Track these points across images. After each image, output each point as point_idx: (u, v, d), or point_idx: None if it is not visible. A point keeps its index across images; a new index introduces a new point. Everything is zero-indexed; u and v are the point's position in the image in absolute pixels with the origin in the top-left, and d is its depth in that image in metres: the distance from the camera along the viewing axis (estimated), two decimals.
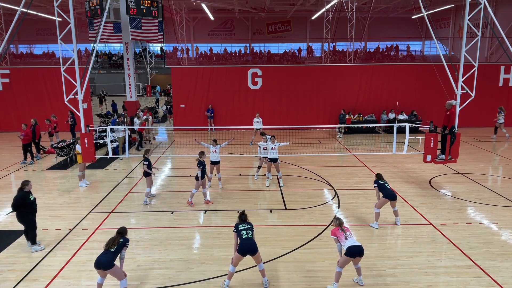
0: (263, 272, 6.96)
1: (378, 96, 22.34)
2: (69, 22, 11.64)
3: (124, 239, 6.66)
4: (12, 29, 13.49)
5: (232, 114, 22.34)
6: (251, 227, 6.99)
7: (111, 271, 6.37)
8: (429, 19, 12.47)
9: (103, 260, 6.30)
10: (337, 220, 7.08)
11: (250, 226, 7.00)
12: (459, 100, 11.97)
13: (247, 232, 6.84)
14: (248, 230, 6.89)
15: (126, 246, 6.67)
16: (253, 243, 6.76)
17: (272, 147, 12.24)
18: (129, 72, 23.22)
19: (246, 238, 6.75)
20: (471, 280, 7.12)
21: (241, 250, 6.68)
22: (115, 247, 6.44)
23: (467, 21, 11.76)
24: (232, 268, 6.84)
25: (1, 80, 21.83)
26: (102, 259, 6.33)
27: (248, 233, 6.83)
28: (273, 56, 43.25)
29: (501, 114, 19.27)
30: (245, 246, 6.67)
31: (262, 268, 6.95)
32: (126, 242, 6.68)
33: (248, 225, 7.02)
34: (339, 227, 6.94)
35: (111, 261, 6.33)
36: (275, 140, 12.36)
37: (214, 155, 11.96)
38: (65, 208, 10.72)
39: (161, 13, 22.66)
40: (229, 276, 6.88)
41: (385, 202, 9.21)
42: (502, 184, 12.67)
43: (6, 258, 8.04)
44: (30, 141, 15.21)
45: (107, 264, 6.28)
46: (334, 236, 6.91)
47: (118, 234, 6.70)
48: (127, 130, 14.85)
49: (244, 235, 6.79)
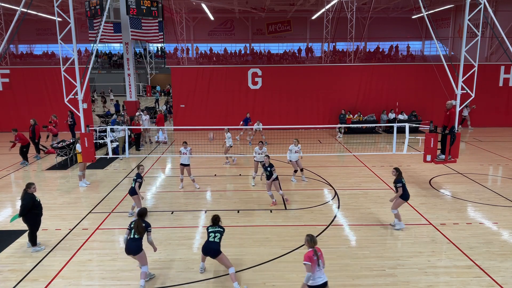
0: (233, 276, 6.86)
1: (378, 96, 22.34)
2: (69, 22, 11.64)
3: (145, 224, 7.00)
4: (12, 29, 13.49)
5: (232, 114, 22.33)
6: (221, 231, 7.12)
7: (138, 257, 6.93)
8: (429, 19, 12.47)
9: (131, 247, 6.85)
10: (311, 239, 6.05)
11: (220, 230, 7.13)
12: (459, 100, 11.97)
13: (214, 235, 7.03)
14: (216, 233, 7.06)
15: (148, 231, 7.06)
16: (215, 248, 6.93)
17: (260, 153, 12.47)
18: (129, 72, 23.22)
19: (212, 241, 6.99)
20: (471, 280, 7.13)
21: (203, 250, 7.09)
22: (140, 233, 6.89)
23: (467, 21, 11.76)
24: (202, 264, 7.43)
25: (1, 80, 21.84)
26: (131, 245, 6.85)
27: (215, 236, 7.01)
28: (273, 56, 43.23)
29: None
30: (207, 248, 7.01)
31: (232, 271, 6.90)
32: (148, 227, 7.04)
33: (219, 228, 7.15)
34: (313, 250, 5.97)
35: (140, 247, 6.92)
36: (263, 147, 12.66)
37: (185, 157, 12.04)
38: (65, 208, 10.72)
39: (161, 13, 22.65)
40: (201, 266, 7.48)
41: (402, 203, 9.07)
42: (502, 184, 12.67)
43: (6, 258, 8.04)
44: (28, 142, 15.17)
45: (136, 250, 6.88)
46: (308, 262, 5.89)
47: (139, 217, 7.07)
48: (127, 130, 14.84)
49: (211, 238, 7.02)
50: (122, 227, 9.49)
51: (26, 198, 8.07)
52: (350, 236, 9.01)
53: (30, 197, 8.12)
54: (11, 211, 10.52)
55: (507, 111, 22.46)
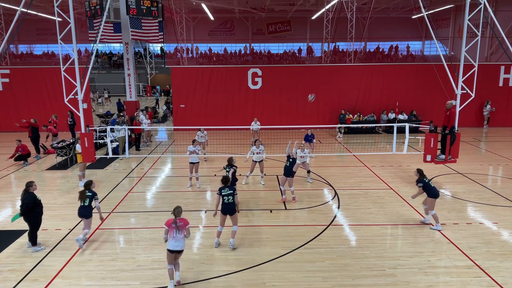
0: (233, 233, 8.29)
1: (378, 96, 22.33)
2: (69, 22, 11.64)
3: (91, 193, 8.43)
4: (12, 29, 13.49)
5: (232, 114, 22.34)
6: (232, 193, 8.13)
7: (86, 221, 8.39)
8: (429, 19, 12.47)
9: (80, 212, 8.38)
10: (173, 210, 6.95)
11: (231, 192, 8.13)
12: (459, 100, 11.97)
13: (228, 198, 8.10)
14: (229, 195, 8.10)
15: (96, 199, 8.45)
16: (231, 207, 8.17)
17: (258, 152, 12.41)
18: (129, 72, 23.20)
19: (228, 203, 8.12)
20: (471, 280, 7.13)
21: (222, 211, 8.20)
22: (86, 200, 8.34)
23: (467, 21, 11.76)
24: (220, 228, 8.35)
25: (1, 80, 21.84)
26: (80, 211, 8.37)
27: (229, 199, 8.10)
28: (273, 56, 43.20)
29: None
30: (225, 209, 8.17)
31: (235, 230, 8.30)
32: (94, 195, 8.45)
33: (230, 190, 8.14)
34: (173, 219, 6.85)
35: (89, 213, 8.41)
36: (260, 145, 12.56)
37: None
38: (65, 208, 10.72)
39: (161, 13, 22.63)
40: (218, 234, 8.39)
41: (434, 201, 9.04)
42: (502, 184, 12.67)
43: (6, 258, 8.04)
44: (29, 152, 15.20)
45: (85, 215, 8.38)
46: (165, 226, 6.85)
47: (85, 188, 8.48)
48: (127, 130, 14.84)
49: (226, 201, 8.11)
50: (122, 227, 9.50)
51: (28, 197, 8.08)
52: (350, 236, 9.01)
53: (31, 196, 8.13)
54: (11, 211, 10.52)
55: (507, 111, 22.46)
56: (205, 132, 15.34)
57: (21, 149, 14.86)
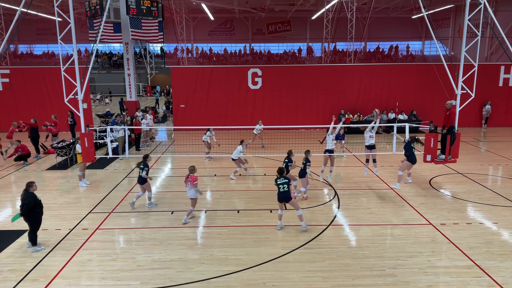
0: (301, 217, 8.99)
1: (378, 96, 22.31)
2: (69, 22, 11.64)
3: (144, 164, 10.32)
4: (12, 29, 13.50)
5: (232, 114, 22.34)
6: (286, 182, 8.89)
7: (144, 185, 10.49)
8: (429, 19, 12.47)
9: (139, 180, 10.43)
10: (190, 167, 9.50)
11: (286, 180, 8.91)
12: (459, 100, 11.97)
13: (283, 186, 8.88)
14: (284, 184, 8.89)
15: (146, 170, 10.23)
16: (287, 195, 8.91)
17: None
18: (129, 72, 23.21)
19: (283, 191, 8.90)
20: (471, 280, 7.13)
21: (279, 199, 9.03)
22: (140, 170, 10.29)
23: (467, 21, 11.76)
24: (280, 211, 9.23)
25: (1, 80, 21.84)
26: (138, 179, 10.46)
27: (284, 187, 8.88)
28: (273, 56, 43.22)
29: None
30: (281, 197, 8.96)
31: (299, 214, 8.99)
32: (145, 167, 10.26)
33: (285, 179, 8.93)
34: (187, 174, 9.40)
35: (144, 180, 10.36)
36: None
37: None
38: (65, 208, 10.73)
39: (161, 13, 22.64)
40: (279, 217, 9.23)
41: (410, 166, 11.17)
42: (502, 184, 12.67)
43: (6, 258, 8.04)
44: (28, 153, 15.19)
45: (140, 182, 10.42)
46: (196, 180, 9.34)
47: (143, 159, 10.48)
48: (127, 130, 14.83)
49: (281, 189, 8.91)
50: (122, 227, 9.50)
51: (28, 197, 8.08)
52: (350, 236, 9.01)
53: (31, 196, 8.14)
54: (11, 211, 10.53)
55: (507, 111, 22.46)
56: (213, 132, 15.83)
57: (21, 149, 14.86)
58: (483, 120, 22.39)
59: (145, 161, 10.53)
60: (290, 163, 10.96)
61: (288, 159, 11.04)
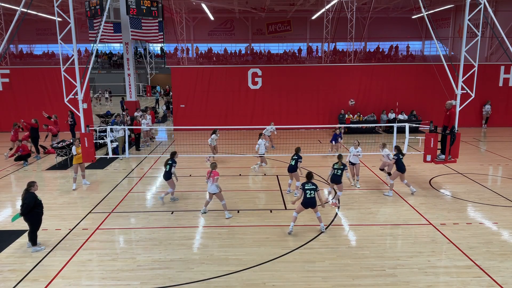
0: (320, 218, 9.02)
1: (378, 96, 22.33)
2: (69, 22, 11.65)
3: (171, 161, 10.70)
4: (12, 29, 13.50)
5: (232, 114, 22.35)
6: (314, 188, 8.74)
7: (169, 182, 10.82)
8: (429, 19, 12.47)
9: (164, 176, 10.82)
10: (212, 163, 9.85)
11: (313, 187, 8.75)
12: (459, 100, 11.96)
13: (310, 192, 8.73)
14: (311, 190, 8.73)
15: (174, 166, 10.66)
16: (313, 201, 8.77)
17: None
18: (129, 72, 23.21)
19: (310, 197, 8.73)
20: (471, 280, 7.13)
21: (304, 205, 8.83)
22: (167, 166, 10.64)
23: (467, 21, 11.76)
24: (295, 214, 8.98)
25: (1, 80, 21.84)
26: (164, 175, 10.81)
27: (311, 193, 8.73)
28: (273, 56, 43.22)
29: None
30: (307, 203, 8.79)
31: (318, 215, 9.02)
32: (173, 163, 10.66)
33: (313, 185, 8.76)
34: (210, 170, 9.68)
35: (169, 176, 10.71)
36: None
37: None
38: (65, 208, 10.73)
39: (161, 13, 22.64)
40: (293, 219, 8.98)
41: (399, 175, 11.10)
42: (502, 184, 12.67)
43: (6, 258, 8.04)
44: (29, 153, 15.19)
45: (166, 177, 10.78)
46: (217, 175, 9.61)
47: (171, 156, 10.88)
48: (127, 130, 14.83)
49: (308, 195, 8.73)
50: (122, 227, 9.50)
51: (29, 197, 8.09)
52: (350, 236, 9.02)
53: (32, 196, 8.14)
54: (11, 211, 10.52)
55: (507, 111, 22.47)
56: (219, 135, 15.50)
57: (21, 149, 14.86)
58: (483, 120, 22.40)
59: (173, 157, 10.98)
60: (300, 159, 11.21)
61: (297, 155, 11.27)
